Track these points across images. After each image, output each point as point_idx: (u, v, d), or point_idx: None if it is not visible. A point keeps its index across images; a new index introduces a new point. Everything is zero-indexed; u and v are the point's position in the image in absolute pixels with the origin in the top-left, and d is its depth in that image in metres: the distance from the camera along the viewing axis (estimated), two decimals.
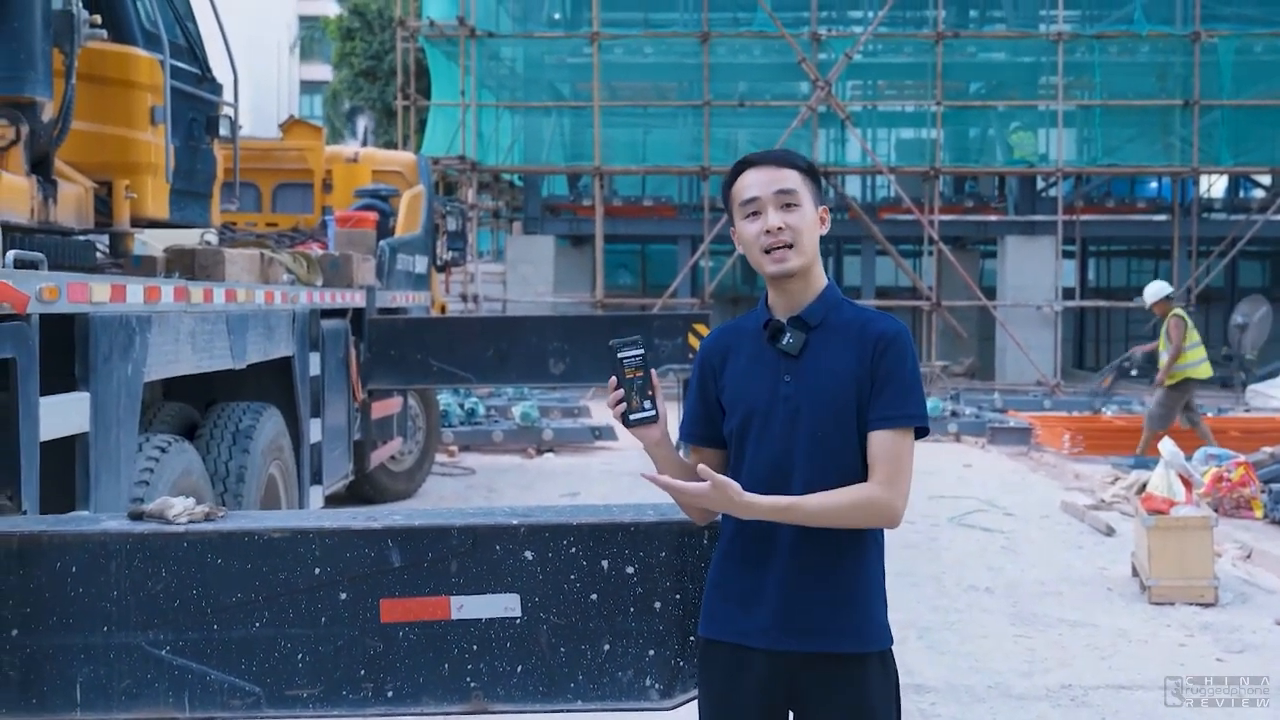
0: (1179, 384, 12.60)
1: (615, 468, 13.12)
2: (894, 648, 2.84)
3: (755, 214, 2.80)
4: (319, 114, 46.62)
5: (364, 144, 16.40)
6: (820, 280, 2.84)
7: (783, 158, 2.84)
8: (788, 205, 2.78)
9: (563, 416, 16.15)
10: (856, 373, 2.74)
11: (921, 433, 2.78)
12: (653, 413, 2.80)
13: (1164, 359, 12.55)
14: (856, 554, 2.76)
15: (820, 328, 2.79)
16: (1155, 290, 13.10)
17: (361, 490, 10.42)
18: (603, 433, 14.98)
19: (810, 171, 2.85)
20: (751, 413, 2.80)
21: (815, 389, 2.76)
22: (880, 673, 2.78)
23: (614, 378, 2.79)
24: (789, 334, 2.78)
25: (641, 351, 2.79)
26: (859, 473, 2.74)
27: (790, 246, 2.77)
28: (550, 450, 14.53)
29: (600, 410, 17.43)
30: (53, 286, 3.72)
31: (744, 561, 2.80)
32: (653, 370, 2.82)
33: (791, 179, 2.79)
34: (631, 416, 2.80)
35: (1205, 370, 12.79)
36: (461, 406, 15.23)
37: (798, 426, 2.75)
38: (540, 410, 15.55)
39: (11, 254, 3.77)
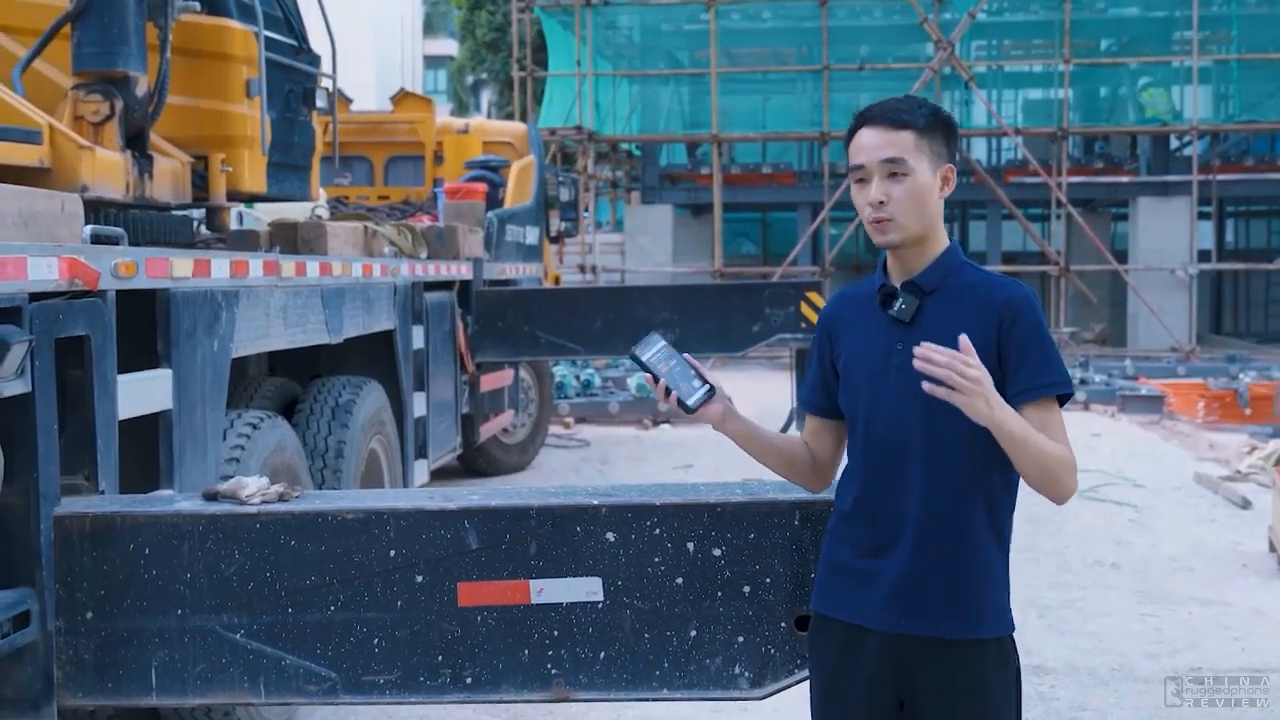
0: None
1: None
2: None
3: (863, 180, 2.62)
4: (443, 89, 47.01)
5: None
6: (939, 243, 2.65)
7: (899, 115, 2.59)
8: (894, 175, 2.58)
9: None
10: (980, 340, 2.53)
11: (1065, 399, 2.61)
12: (705, 387, 2.74)
13: None
14: (982, 539, 2.60)
15: (937, 293, 2.62)
16: None
17: (475, 463, 10.38)
18: None
19: (934, 126, 2.60)
20: (864, 383, 2.66)
21: None
22: (997, 660, 2.63)
23: (650, 377, 2.77)
24: (901, 299, 2.62)
25: (662, 344, 2.75)
26: (980, 448, 2.55)
27: (892, 220, 2.59)
28: (666, 422, 14.38)
29: (720, 382, 17.23)
30: (129, 262, 3.65)
31: (864, 540, 2.66)
32: (685, 355, 2.77)
33: (903, 143, 2.57)
34: (689, 401, 2.73)
35: None
36: (578, 378, 15.16)
37: (912, 397, 2.56)
38: None
39: (88, 229, 3.70)
